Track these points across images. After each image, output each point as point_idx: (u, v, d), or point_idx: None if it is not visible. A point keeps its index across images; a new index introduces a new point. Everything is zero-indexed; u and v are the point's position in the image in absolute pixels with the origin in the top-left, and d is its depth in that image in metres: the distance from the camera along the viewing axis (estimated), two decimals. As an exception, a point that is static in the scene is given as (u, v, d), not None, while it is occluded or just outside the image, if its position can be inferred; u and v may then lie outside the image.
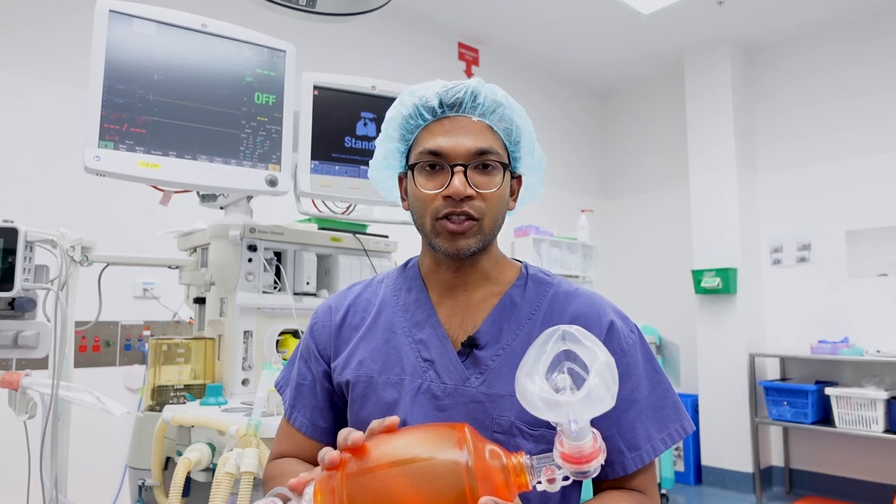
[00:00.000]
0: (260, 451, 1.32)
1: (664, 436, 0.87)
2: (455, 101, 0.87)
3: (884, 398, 3.67)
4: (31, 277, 1.53)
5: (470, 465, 0.60)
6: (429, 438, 0.63)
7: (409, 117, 0.89)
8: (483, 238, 0.86)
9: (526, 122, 0.91)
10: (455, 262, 0.89)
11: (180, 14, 1.55)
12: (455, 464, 0.60)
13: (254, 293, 1.68)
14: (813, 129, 4.47)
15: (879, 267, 4.11)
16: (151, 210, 1.94)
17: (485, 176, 0.85)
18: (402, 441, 0.64)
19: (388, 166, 0.95)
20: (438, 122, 0.87)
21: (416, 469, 0.60)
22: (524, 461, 0.63)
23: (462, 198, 0.82)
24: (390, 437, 0.65)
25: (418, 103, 0.88)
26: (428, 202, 0.85)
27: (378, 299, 0.96)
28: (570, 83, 5.47)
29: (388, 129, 0.93)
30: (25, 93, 2.77)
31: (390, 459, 0.62)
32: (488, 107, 0.87)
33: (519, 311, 0.89)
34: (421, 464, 0.60)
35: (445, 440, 0.62)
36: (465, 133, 0.85)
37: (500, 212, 0.88)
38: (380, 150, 0.95)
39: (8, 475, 2.14)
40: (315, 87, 1.73)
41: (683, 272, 4.87)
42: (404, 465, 0.61)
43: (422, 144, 0.87)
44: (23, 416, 1.54)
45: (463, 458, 0.60)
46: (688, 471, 4.59)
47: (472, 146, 0.84)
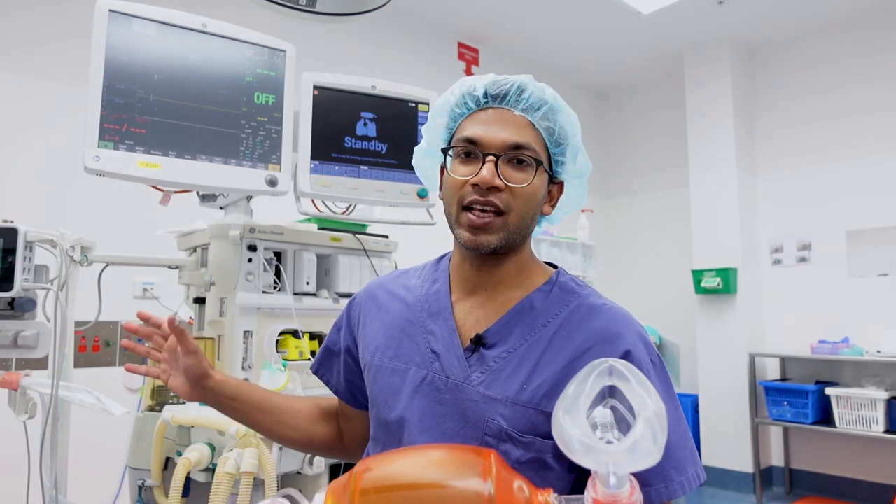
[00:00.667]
0: (260, 451, 1.32)
1: (682, 479, 0.81)
2: (500, 93, 0.86)
3: (884, 398, 3.67)
4: (30, 277, 1.53)
5: (492, 496, 0.56)
6: (452, 462, 0.60)
7: (455, 105, 0.89)
8: (507, 236, 0.84)
9: (573, 127, 0.90)
10: (477, 260, 0.88)
11: (180, 14, 1.55)
12: (477, 495, 0.57)
13: (254, 293, 1.68)
14: (813, 129, 4.47)
15: (879, 267, 4.11)
16: (151, 210, 1.93)
17: (517, 170, 0.83)
18: (424, 460, 0.61)
19: (430, 153, 0.95)
20: (481, 111, 0.87)
21: (435, 496, 0.57)
22: (551, 500, 0.59)
23: (489, 187, 0.81)
24: (412, 451, 0.63)
25: (465, 91, 0.88)
26: (457, 188, 0.84)
27: (411, 285, 0.98)
28: (570, 83, 5.47)
29: (434, 117, 0.93)
30: (25, 93, 2.77)
31: (408, 480, 0.59)
32: (533, 103, 0.86)
33: (535, 317, 0.87)
34: (440, 491, 0.58)
35: (469, 467, 0.59)
36: (503, 124, 0.84)
37: (530, 211, 0.85)
38: (425, 137, 0.95)
39: (8, 475, 2.14)
40: (315, 86, 1.73)
41: (683, 272, 4.87)
42: (422, 489, 0.58)
43: (461, 132, 0.87)
44: (23, 417, 1.54)
45: (486, 489, 0.57)
46: (688, 471, 4.58)
47: (508, 138, 0.83)
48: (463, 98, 0.88)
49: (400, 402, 0.86)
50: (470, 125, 0.86)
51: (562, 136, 0.88)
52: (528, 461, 0.81)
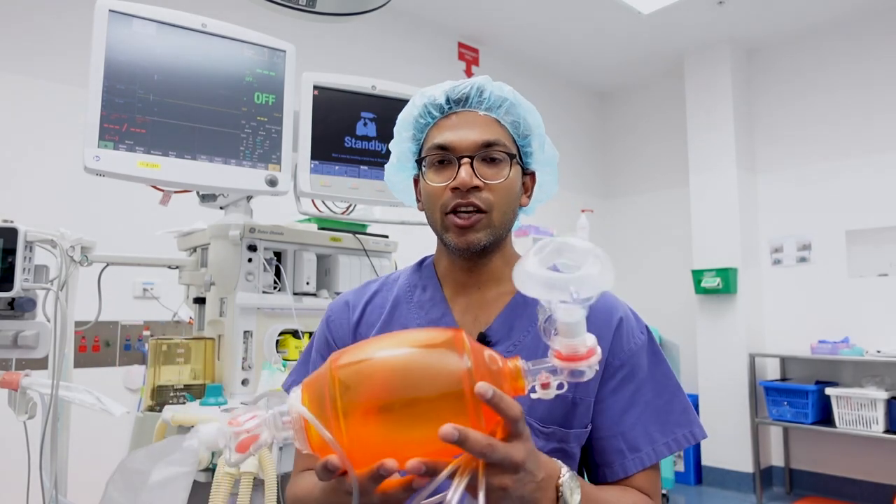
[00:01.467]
0: (260, 452, 1.31)
1: (669, 440, 0.86)
2: (461, 97, 0.88)
3: (884, 398, 3.67)
4: (30, 277, 1.53)
5: (471, 368, 0.57)
6: (426, 343, 0.61)
7: (419, 116, 0.91)
8: (493, 232, 0.85)
9: (535, 118, 0.92)
10: (468, 262, 0.89)
11: (180, 14, 1.55)
12: (456, 370, 0.57)
13: (254, 293, 1.68)
14: (813, 129, 4.47)
15: (879, 267, 4.11)
16: (151, 210, 1.94)
17: (492, 168, 0.85)
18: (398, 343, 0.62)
19: (402, 168, 0.96)
20: (446, 118, 0.89)
21: (415, 376, 0.58)
22: (520, 365, 0.62)
23: (469, 188, 0.83)
24: (384, 338, 0.63)
25: (427, 102, 0.90)
26: (437, 196, 0.86)
27: (392, 297, 0.96)
28: (570, 83, 5.47)
29: (399, 131, 0.94)
30: (25, 93, 2.77)
31: (386, 358, 0.59)
32: (494, 101, 0.88)
33: (531, 309, 0.88)
34: (420, 370, 0.58)
35: (444, 344, 0.60)
36: (471, 126, 0.86)
37: (510, 205, 0.88)
38: (393, 153, 0.96)
39: (8, 475, 2.14)
40: (315, 86, 1.73)
41: (683, 272, 4.87)
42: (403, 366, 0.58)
43: (430, 140, 0.88)
44: (23, 417, 1.54)
45: (464, 362, 0.58)
46: (688, 471, 4.59)
47: (479, 138, 0.85)
48: (426, 108, 0.90)
49: None
50: (438, 133, 0.88)
51: (526, 127, 0.91)
52: (551, 451, 0.82)
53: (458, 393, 0.57)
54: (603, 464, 0.86)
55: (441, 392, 0.57)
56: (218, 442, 0.59)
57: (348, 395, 0.57)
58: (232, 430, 0.58)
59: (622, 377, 0.87)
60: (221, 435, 0.59)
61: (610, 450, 0.85)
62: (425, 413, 0.57)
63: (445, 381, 0.57)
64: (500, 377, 0.60)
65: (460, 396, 0.57)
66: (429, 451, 0.57)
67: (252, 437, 0.58)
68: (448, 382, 0.57)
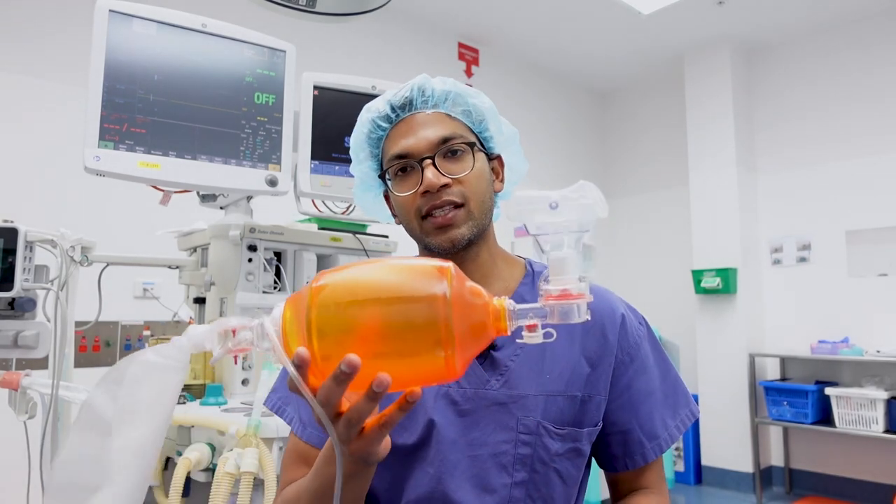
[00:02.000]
0: (260, 451, 1.32)
1: (678, 422, 0.89)
2: (404, 102, 0.87)
3: (884, 398, 3.67)
4: (31, 277, 1.53)
5: (448, 297, 0.56)
6: (409, 267, 0.59)
7: (370, 132, 0.89)
8: (474, 224, 0.84)
9: (483, 101, 0.90)
10: (454, 261, 0.86)
11: (180, 14, 1.55)
12: (432, 294, 0.56)
13: (254, 293, 1.68)
14: (813, 129, 4.47)
15: (879, 267, 4.11)
16: (151, 210, 1.94)
17: (455, 162, 0.84)
18: (381, 266, 0.60)
19: (368, 188, 0.94)
20: (396, 126, 0.87)
21: (392, 291, 0.57)
22: (506, 305, 0.59)
23: (438, 188, 0.81)
24: (369, 261, 0.62)
25: (373, 117, 0.89)
26: (409, 205, 0.84)
27: None
28: (571, 83, 5.47)
29: (355, 152, 0.92)
30: (26, 93, 2.77)
31: (365, 280, 0.58)
32: (438, 97, 0.87)
33: None
34: (397, 288, 0.57)
35: (426, 271, 0.58)
36: (423, 127, 0.85)
37: (485, 193, 0.86)
38: (357, 175, 0.94)
39: (8, 475, 2.14)
40: (315, 87, 1.73)
41: (683, 272, 4.87)
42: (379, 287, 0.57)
43: (387, 153, 0.87)
44: (23, 416, 1.54)
45: (441, 289, 0.56)
46: (688, 471, 4.59)
47: (434, 136, 0.83)
48: (373, 123, 0.89)
49: (418, 423, 0.82)
50: (392, 143, 0.86)
51: (478, 113, 0.89)
52: (566, 452, 0.82)
53: (432, 319, 0.55)
54: (624, 455, 0.88)
55: (415, 317, 0.55)
56: (205, 342, 0.61)
57: (324, 314, 0.56)
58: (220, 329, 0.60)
59: (634, 370, 0.88)
60: (209, 335, 0.61)
61: (631, 441, 0.87)
62: (397, 337, 0.55)
63: (421, 306, 0.56)
64: (480, 311, 0.58)
65: (434, 322, 0.55)
66: (400, 378, 0.56)
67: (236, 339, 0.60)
68: (423, 307, 0.55)
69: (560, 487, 0.83)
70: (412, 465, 0.82)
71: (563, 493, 0.83)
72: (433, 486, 0.80)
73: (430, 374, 0.57)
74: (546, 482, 0.82)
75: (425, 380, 0.58)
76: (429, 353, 0.55)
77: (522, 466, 0.81)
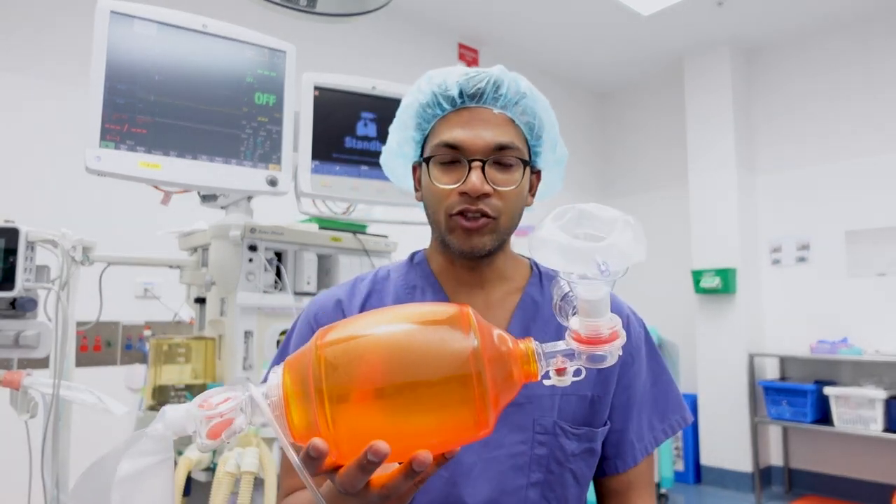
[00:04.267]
0: (260, 451, 1.32)
1: (665, 426, 0.88)
2: (476, 91, 0.81)
3: (882, 398, 3.67)
4: (32, 277, 1.53)
5: (477, 348, 0.50)
6: (428, 320, 0.53)
7: (427, 105, 0.83)
8: (498, 237, 0.81)
9: (549, 116, 0.86)
10: (471, 262, 0.85)
11: (181, 15, 1.55)
12: (460, 347, 0.50)
13: (254, 293, 1.68)
14: (812, 130, 4.47)
15: (878, 267, 4.11)
16: (152, 210, 1.94)
17: (504, 173, 0.79)
18: (395, 315, 0.53)
19: (402, 155, 0.89)
20: (457, 112, 0.81)
21: (414, 351, 0.50)
22: (533, 346, 0.54)
23: (479, 195, 0.77)
24: (377, 313, 0.55)
25: (437, 91, 0.82)
26: (443, 197, 0.80)
27: (391, 299, 0.89)
28: (570, 84, 5.47)
29: (403, 117, 0.87)
30: (27, 93, 2.78)
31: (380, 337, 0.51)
32: (511, 98, 0.82)
33: (542, 310, 0.87)
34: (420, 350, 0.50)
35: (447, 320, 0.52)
36: (484, 126, 0.79)
37: (518, 210, 0.83)
38: (393, 138, 0.89)
39: (9, 475, 2.14)
40: (315, 87, 1.74)
41: (683, 272, 4.87)
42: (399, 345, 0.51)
43: (439, 136, 0.81)
44: (24, 416, 1.54)
45: (470, 341, 0.50)
46: (687, 470, 4.60)
47: (492, 140, 0.79)
48: (435, 98, 0.82)
49: None
50: (448, 128, 0.80)
51: (541, 128, 0.85)
52: (581, 452, 0.82)
53: (462, 376, 0.50)
54: (615, 455, 0.87)
55: (443, 375, 0.50)
56: (186, 427, 0.52)
57: (335, 377, 0.49)
58: (203, 413, 0.51)
59: (634, 371, 0.88)
60: (190, 419, 0.52)
61: (623, 441, 0.87)
62: (424, 399, 0.50)
63: (448, 363, 0.50)
64: (509, 360, 0.53)
65: (466, 380, 0.50)
66: (428, 442, 0.51)
67: (225, 421, 0.51)
68: (452, 364, 0.50)
69: (574, 488, 0.82)
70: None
71: (576, 494, 0.83)
72: (447, 490, 0.78)
73: (460, 431, 0.52)
74: (561, 483, 0.81)
75: (455, 438, 0.53)
76: (460, 407, 0.50)
77: (539, 467, 0.80)
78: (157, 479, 0.53)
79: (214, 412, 0.51)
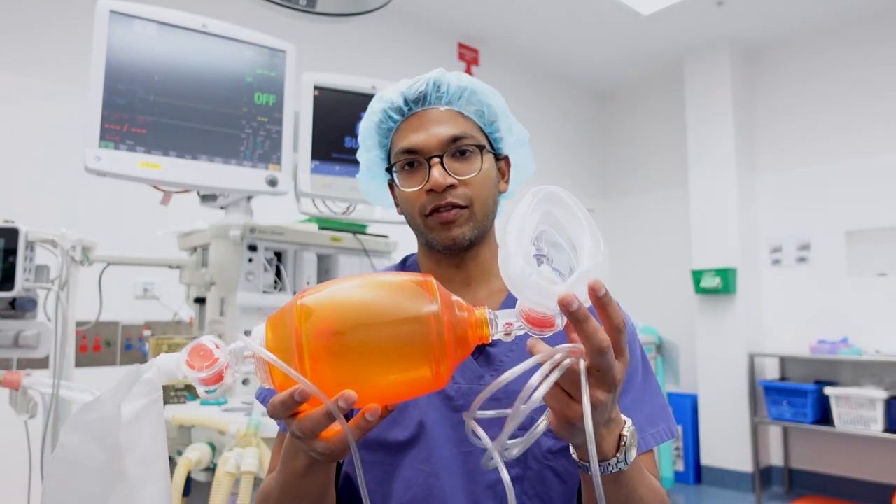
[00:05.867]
0: (260, 451, 1.32)
1: (654, 431, 0.86)
2: (419, 96, 0.86)
3: (883, 398, 3.67)
4: (31, 277, 1.53)
5: (438, 312, 0.57)
6: (395, 285, 0.60)
7: (380, 122, 0.88)
8: (476, 225, 0.84)
9: (498, 101, 0.89)
10: (455, 258, 0.87)
11: (181, 14, 1.55)
12: (424, 313, 0.57)
13: (254, 293, 1.68)
14: (813, 130, 4.47)
15: (879, 267, 4.11)
16: (152, 210, 1.94)
17: (463, 162, 0.83)
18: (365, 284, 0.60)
19: (373, 176, 0.94)
20: (407, 120, 0.86)
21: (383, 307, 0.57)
22: (486, 314, 0.61)
23: (444, 188, 0.81)
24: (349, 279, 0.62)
25: (385, 106, 0.87)
26: (413, 200, 0.84)
27: None
28: (570, 83, 5.47)
29: (364, 140, 0.91)
30: (26, 93, 2.77)
31: (354, 296, 0.58)
32: (453, 94, 0.86)
33: None
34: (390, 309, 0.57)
35: (412, 288, 0.59)
36: (434, 124, 0.84)
37: (490, 196, 0.86)
38: (363, 162, 0.93)
39: (9, 475, 2.15)
40: (315, 87, 1.74)
41: (683, 272, 4.87)
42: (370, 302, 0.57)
43: (397, 145, 0.86)
44: (24, 416, 1.54)
45: (432, 306, 0.57)
46: (687, 470, 4.60)
47: (444, 135, 0.82)
48: (385, 113, 0.87)
49: (411, 418, 0.82)
50: (402, 136, 0.85)
51: (491, 113, 0.88)
52: (560, 450, 0.82)
53: (424, 336, 0.56)
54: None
55: (408, 333, 0.56)
56: (176, 374, 0.58)
57: (310, 326, 0.55)
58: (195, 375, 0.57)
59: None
60: (180, 368, 0.57)
61: None
62: (390, 354, 0.56)
63: (413, 322, 0.57)
64: (465, 324, 0.60)
65: (427, 339, 0.56)
66: (390, 393, 0.58)
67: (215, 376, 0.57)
68: (415, 323, 0.57)
69: (557, 485, 0.82)
70: (403, 462, 0.81)
71: (561, 491, 0.82)
72: (428, 483, 0.79)
73: (418, 385, 0.59)
74: (541, 479, 0.81)
75: (413, 391, 0.59)
76: (421, 365, 0.57)
77: (516, 463, 0.80)
78: (149, 417, 0.61)
79: (205, 375, 0.56)
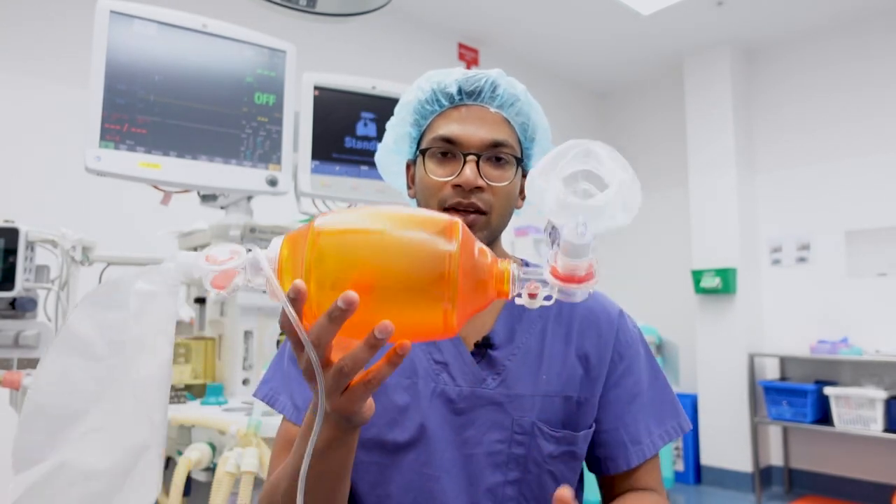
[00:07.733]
0: (260, 451, 1.32)
1: (662, 431, 0.87)
2: (474, 89, 0.84)
3: (883, 398, 3.67)
4: (32, 277, 1.53)
5: (456, 252, 0.54)
6: (419, 218, 0.58)
7: (426, 102, 0.86)
8: (489, 233, 0.83)
9: (543, 121, 0.89)
10: None
11: (181, 14, 1.55)
12: (441, 247, 0.54)
13: (254, 293, 1.68)
14: (812, 129, 4.47)
15: (879, 267, 4.11)
16: (152, 210, 1.94)
17: (497, 169, 0.82)
18: (390, 213, 0.58)
19: (397, 151, 0.91)
20: (455, 108, 0.84)
21: (399, 239, 0.55)
22: (511, 269, 0.58)
23: (472, 188, 0.79)
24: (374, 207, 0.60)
25: (436, 88, 0.85)
26: (436, 190, 0.82)
27: None
28: (570, 83, 5.47)
29: (401, 113, 0.89)
30: (26, 93, 2.78)
31: (371, 233, 0.56)
32: (507, 99, 0.85)
33: (528, 312, 0.87)
34: (406, 237, 0.55)
35: (436, 223, 0.57)
36: (480, 122, 0.83)
37: (509, 208, 0.85)
38: (390, 134, 0.91)
39: (9, 475, 2.15)
40: (315, 87, 1.74)
41: (683, 272, 4.87)
42: (386, 235, 0.55)
43: (435, 130, 0.84)
44: (24, 416, 1.54)
45: (450, 243, 0.55)
46: (687, 470, 4.60)
47: (488, 136, 0.81)
48: (434, 94, 0.85)
49: (411, 420, 0.81)
50: (445, 123, 0.83)
51: (534, 130, 0.88)
52: (560, 455, 0.82)
53: (438, 275, 0.54)
54: (607, 457, 0.86)
55: (421, 271, 0.54)
56: (193, 272, 0.57)
57: (324, 267, 0.54)
58: (209, 267, 0.56)
59: (623, 369, 0.88)
60: (198, 267, 0.57)
61: (613, 442, 0.86)
62: (401, 291, 0.54)
63: (427, 261, 0.54)
64: (484, 273, 0.57)
65: (439, 279, 0.54)
66: (403, 332, 0.55)
67: (228, 274, 0.56)
68: (430, 262, 0.54)
69: (554, 489, 0.82)
70: (403, 464, 0.81)
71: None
72: (428, 485, 0.79)
73: (426, 328, 0.56)
74: (539, 483, 0.81)
75: (421, 334, 0.57)
76: (430, 305, 0.54)
77: (516, 466, 0.80)
78: (165, 307, 0.59)
79: (220, 268, 0.56)
